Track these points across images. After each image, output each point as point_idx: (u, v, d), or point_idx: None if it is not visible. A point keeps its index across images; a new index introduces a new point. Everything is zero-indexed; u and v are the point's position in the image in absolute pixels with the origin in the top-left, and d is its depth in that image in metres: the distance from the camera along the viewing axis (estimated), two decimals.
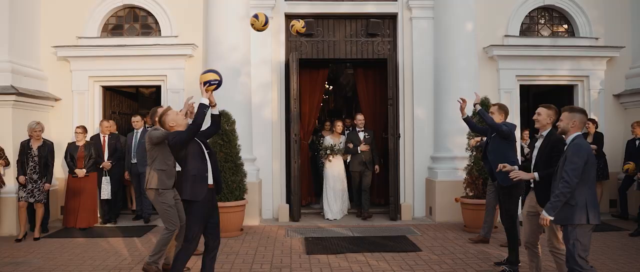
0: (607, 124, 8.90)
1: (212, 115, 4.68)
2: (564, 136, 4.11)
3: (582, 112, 4.08)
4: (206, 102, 4.32)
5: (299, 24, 6.03)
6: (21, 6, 8.13)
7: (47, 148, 7.24)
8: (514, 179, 4.42)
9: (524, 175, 4.34)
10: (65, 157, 7.80)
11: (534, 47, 8.84)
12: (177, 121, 4.47)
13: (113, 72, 8.65)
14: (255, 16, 5.37)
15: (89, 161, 7.72)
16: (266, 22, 5.38)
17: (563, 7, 9.07)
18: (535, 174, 4.32)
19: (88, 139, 8.02)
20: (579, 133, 4.00)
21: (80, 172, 7.65)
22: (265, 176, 8.55)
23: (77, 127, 7.84)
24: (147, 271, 5.14)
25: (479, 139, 6.83)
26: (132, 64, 8.57)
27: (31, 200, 7.07)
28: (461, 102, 5.92)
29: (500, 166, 4.43)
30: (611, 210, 8.78)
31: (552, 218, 3.91)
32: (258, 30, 5.51)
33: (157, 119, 4.83)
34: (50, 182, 7.26)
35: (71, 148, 7.77)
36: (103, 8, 8.74)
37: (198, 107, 4.33)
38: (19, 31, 8.06)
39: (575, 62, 8.93)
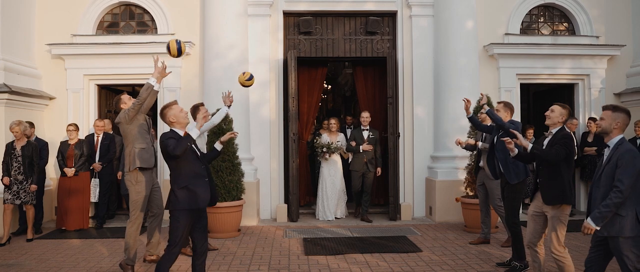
0: None
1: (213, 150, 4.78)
2: (604, 137, 3.77)
3: (627, 112, 3.73)
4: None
5: (243, 77, 5.69)
6: (15, 3, 8.01)
7: (32, 148, 6.97)
8: (513, 146, 4.34)
9: (521, 138, 4.27)
10: (57, 156, 7.64)
11: (535, 45, 8.75)
12: (178, 118, 4.29)
13: (108, 70, 8.52)
14: (167, 48, 4.99)
15: (80, 159, 7.54)
16: (180, 52, 5.00)
17: (563, 6, 9.00)
18: (530, 145, 4.24)
19: (83, 138, 7.89)
20: (623, 135, 3.72)
21: (69, 171, 7.46)
22: (263, 175, 8.43)
23: (69, 125, 7.67)
24: (123, 268, 5.17)
25: (471, 141, 6.77)
26: (128, 62, 8.44)
27: (17, 202, 6.85)
28: (466, 101, 5.89)
29: (506, 140, 4.38)
30: None
31: (597, 228, 3.61)
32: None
33: (159, 110, 4.68)
34: (35, 183, 6.99)
35: (62, 146, 7.61)
36: (98, 5, 8.61)
37: (184, 137, 4.13)
38: (12, 29, 7.93)
39: (576, 61, 8.86)
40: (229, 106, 6.12)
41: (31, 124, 7.40)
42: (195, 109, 6.15)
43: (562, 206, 4.23)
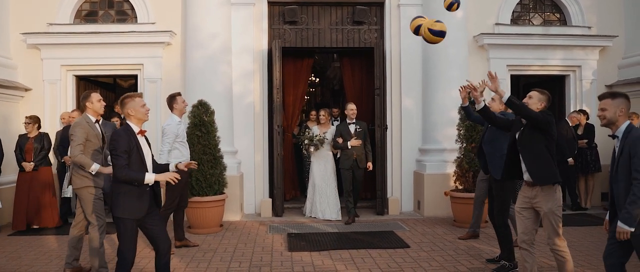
0: None
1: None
2: (610, 128, 3.48)
3: (626, 96, 3.46)
4: (151, 181, 3.76)
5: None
6: None
7: None
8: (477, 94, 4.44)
9: (495, 84, 4.15)
10: (15, 150, 7.20)
11: (525, 35, 8.58)
12: (137, 113, 3.91)
13: (87, 60, 8.24)
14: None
15: (40, 153, 7.14)
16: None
17: None
18: (507, 94, 3.99)
19: (44, 131, 7.50)
20: (629, 121, 3.43)
21: (28, 165, 7.04)
22: (247, 169, 8.19)
23: (27, 117, 7.25)
24: None
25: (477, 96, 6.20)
26: (107, 52, 8.16)
27: None
28: (461, 90, 5.61)
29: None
30: (603, 203, 8.58)
31: (632, 230, 3.21)
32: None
33: (119, 100, 4.29)
34: None
35: (21, 140, 7.19)
36: None
37: (137, 176, 3.73)
38: None
39: (567, 52, 8.71)
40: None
41: None
42: (171, 99, 5.90)
43: (554, 196, 4.00)
